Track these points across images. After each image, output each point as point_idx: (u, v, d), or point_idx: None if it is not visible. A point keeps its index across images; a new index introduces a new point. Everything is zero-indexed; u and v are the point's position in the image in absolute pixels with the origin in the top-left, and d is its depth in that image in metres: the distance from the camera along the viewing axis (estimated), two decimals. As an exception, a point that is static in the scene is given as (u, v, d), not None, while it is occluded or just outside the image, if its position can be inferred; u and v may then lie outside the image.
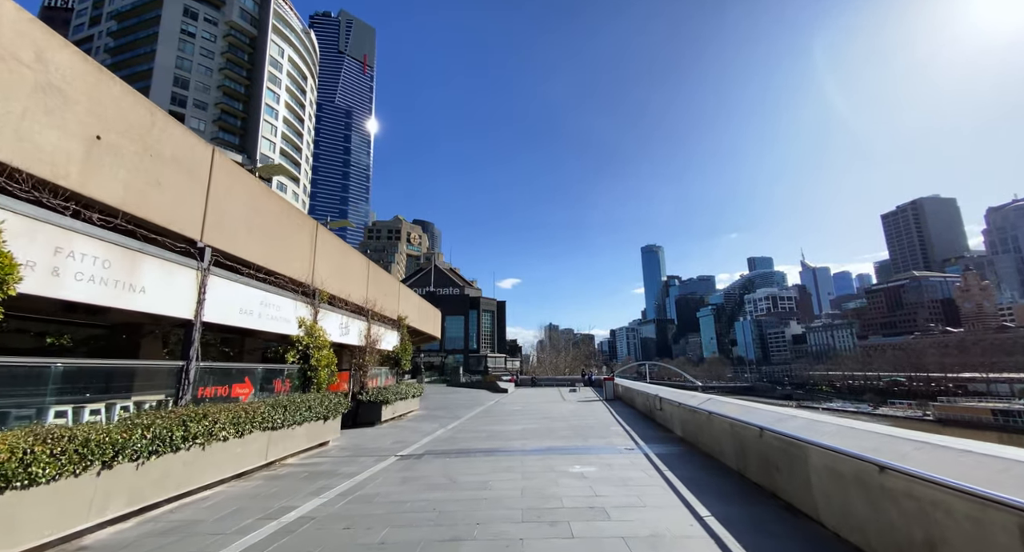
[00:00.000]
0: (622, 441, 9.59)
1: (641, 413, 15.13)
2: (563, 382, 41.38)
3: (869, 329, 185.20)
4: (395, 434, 11.41)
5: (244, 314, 7.94)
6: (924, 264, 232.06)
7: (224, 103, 61.99)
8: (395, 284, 18.02)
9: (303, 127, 74.97)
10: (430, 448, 9.27)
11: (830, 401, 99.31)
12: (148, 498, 4.99)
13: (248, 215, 8.11)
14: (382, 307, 15.57)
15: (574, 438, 10.13)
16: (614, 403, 19.64)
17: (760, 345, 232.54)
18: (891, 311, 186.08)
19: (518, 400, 23.22)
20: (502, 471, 6.94)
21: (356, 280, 13.50)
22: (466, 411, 17.41)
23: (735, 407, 6.95)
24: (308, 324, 10.10)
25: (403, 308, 18.56)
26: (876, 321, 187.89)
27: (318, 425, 9.15)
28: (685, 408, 9.26)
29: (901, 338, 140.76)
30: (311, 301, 10.33)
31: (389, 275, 17.61)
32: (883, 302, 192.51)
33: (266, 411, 7.20)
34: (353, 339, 13.11)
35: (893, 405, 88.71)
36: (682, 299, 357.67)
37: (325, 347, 10.46)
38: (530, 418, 14.61)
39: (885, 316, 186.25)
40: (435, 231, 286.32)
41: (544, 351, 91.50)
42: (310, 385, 10.04)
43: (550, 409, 17.59)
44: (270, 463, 7.56)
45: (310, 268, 10.44)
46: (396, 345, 17.25)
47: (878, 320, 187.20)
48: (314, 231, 10.73)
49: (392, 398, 13.78)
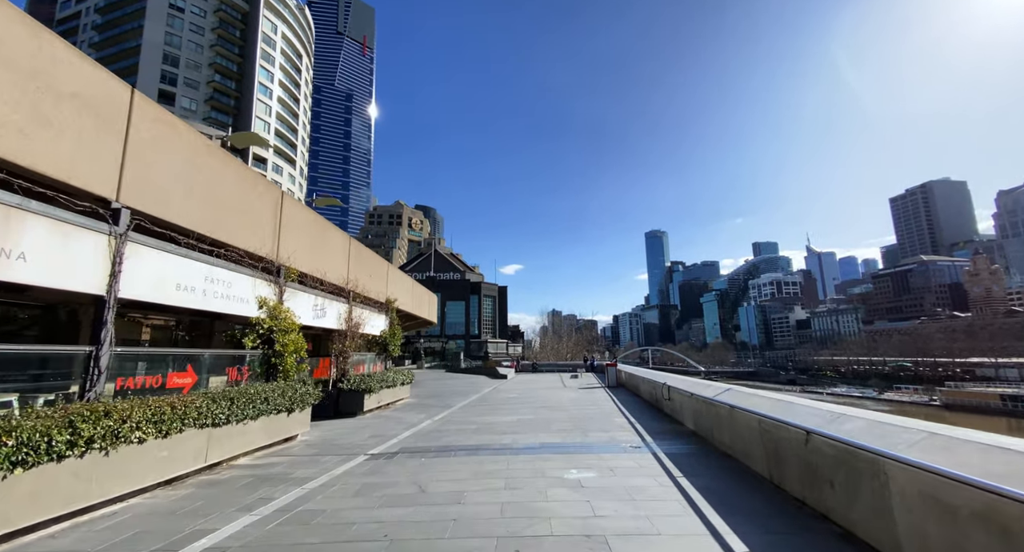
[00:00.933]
0: (626, 436, 8.44)
1: (646, 402, 14.01)
2: (564, 368, 40.44)
3: (875, 314, 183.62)
4: (375, 426, 10.32)
5: (183, 291, 6.75)
6: (932, 248, 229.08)
7: (216, 82, 60.03)
8: (383, 265, 16.81)
9: (299, 107, 72.93)
10: (408, 444, 8.15)
11: (835, 386, 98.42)
12: (12, 522, 3.86)
13: (187, 175, 6.85)
14: (366, 289, 14.39)
15: (573, 432, 9.00)
16: (617, 390, 18.56)
17: (764, 330, 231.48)
18: (898, 296, 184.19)
19: (516, 387, 22.19)
20: (484, 477, 5.80)
21: (334, 258, 12.28)
22: (460, 399, 16.36)
23: (766, 402, 5.74)
24: (271, 305, 8.92)
25: (392, 290, 17.40)
26: (882, 306, 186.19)
27: (280, 419, 8.04)
28: (699, 399, 8.08)
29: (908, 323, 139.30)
30: (274, 279, 9.14)
31: (376, 255, 16.40)
32: (890, 287, 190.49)
33: (204, 405, 6.05)
34: (331, 322, 11.96)
35: (899, 390, 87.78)
36: (686, 285, 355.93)
37: (293, 330, 9.30)
38: (527, 407, 13.53)
39: (891, 301, 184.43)
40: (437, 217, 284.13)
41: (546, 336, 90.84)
42: (275, 373, 8.92)
43: (549, 397, 16.51)
44: (214, 465, 6.45)
45: (274, 242, 9.22)
46: (384, 329, 16.13)
47: (884, 305, 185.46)
48: (278, 200, 9.48)
49: (376, 386, 12.69)
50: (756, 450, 5.54)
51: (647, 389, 14.33)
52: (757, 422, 5.42)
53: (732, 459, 6.33)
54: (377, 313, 15.84)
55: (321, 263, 11.26)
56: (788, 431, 4.68)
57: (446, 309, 72.50)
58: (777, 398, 5.81)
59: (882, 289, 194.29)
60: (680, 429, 9.03)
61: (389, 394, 14.28)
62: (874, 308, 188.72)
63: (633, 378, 17.78)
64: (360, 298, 13.96)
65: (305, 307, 10.52)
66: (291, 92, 70.91)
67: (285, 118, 69.05)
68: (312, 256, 10.96)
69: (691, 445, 7.51)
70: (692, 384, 9.65)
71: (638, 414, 11.35)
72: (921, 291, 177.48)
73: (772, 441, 5.07)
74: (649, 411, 11.96)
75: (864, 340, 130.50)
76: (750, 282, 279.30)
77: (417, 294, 22.47)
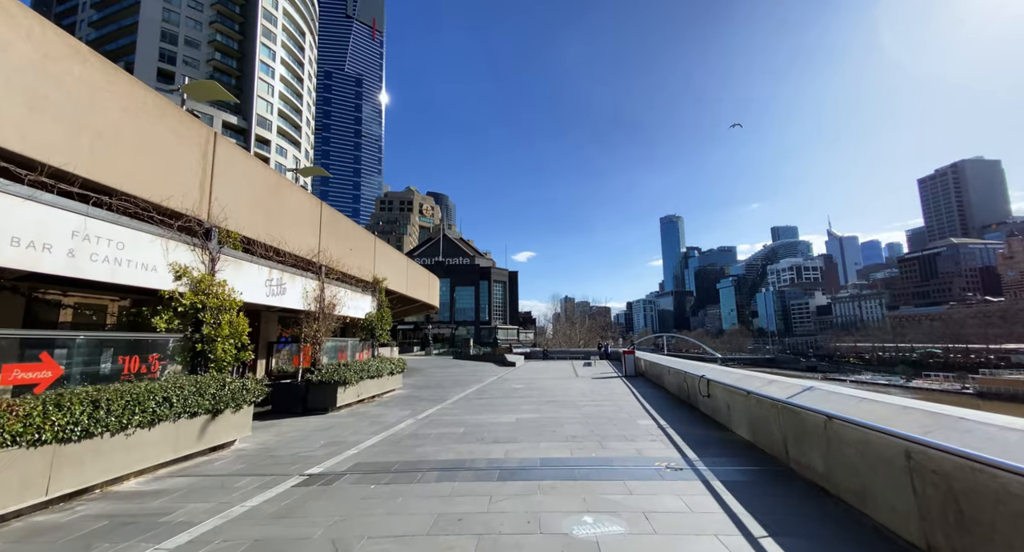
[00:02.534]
0: (659, 448, 6.30)
1: (674, 397, 11.84)
2: (577, 355, 38.36)
3: (900, 299, 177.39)
4: (340, 428, 8.36)
5: (33, 251, 4.74)
6: (962, 231, 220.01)
7: (216, 60, 58.03)
8: (368, 239, 14.76)
9: (303, 87, 70.69)
10: (366, 458, 6.14)
11: (859, 373, 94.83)
12: None
13: (31, 85, 4.79)
14: (345, 264, 12.37)
15: (586, 440, 6.89)
16: (636, 381, 16.41)
17: (782, 317, 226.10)
18: (925, 280, 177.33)
19: (524, 375, 20.18)
20: (447, 528, 3.73)
21: (299, 224, 10.24)
22: (458, 390, 14.38)
23: (910, 413, 3.49)
24: (197, 276, 6.91)
25: (382, 269, 15.38)
26: (908, 291, 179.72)
27: (195, 424, 6.08)
28: (763, 401, 5.86)
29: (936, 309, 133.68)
30: (201, 242, 7.11)
31: (358, 227, 14.35)
32: (916, 271, 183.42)
33: (38, 412, 4.08)
34: (293, 301, 9.97)
35: (928, 377, 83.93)
36: (701, 271, 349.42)
37: (230, 310, 7.32)
38: (531, 402, 11.47)
39: (918, 286, 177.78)
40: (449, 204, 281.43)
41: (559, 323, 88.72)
42: (205, 364, 6.96)
43: (559, 388, 14.44)
44: (68, 496, 4.51)
45: (200, 195, 7.18)
46: (371, 312, 14.15)
47: (910, 290, 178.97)
48: (208, 141, 7.40)
49: (353, 377, 10.72)
50: (896, 496, 3.34)
51: (674, 381, 12.14)
52: (903, 452, 3.21)
53: (833, 498, 4.15)
54: (361, 293, 13.85)
55: (278, 229, 9.22)
56: (991, 475, 2.48)
57: (455, 295, 70.85)
58: (919, 407, 3.58)
59: (908, 273, 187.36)
60: (728, 437, 6.86)
61: (374, 386, 12.35)
62: (899, 293, 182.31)
63: (655, 367, 15.59)
64: (336, 274, 11.96)
65: (254, 282, 8.51)
66: (294, 71, 68.64)
67: (288, 98, 66.94)
68: (264, 218, 8.92)
69: (754, 465, 5.33)
70: (742, 378, 7.43)
71: (667, 413, 9.18)
72: (950, 275, 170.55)
73: (942, 488, 2.87)
74: (679, 409, 9.79)
75: (889, 326, 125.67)
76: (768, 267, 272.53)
77: (414, 275, 20.46)
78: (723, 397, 7.67)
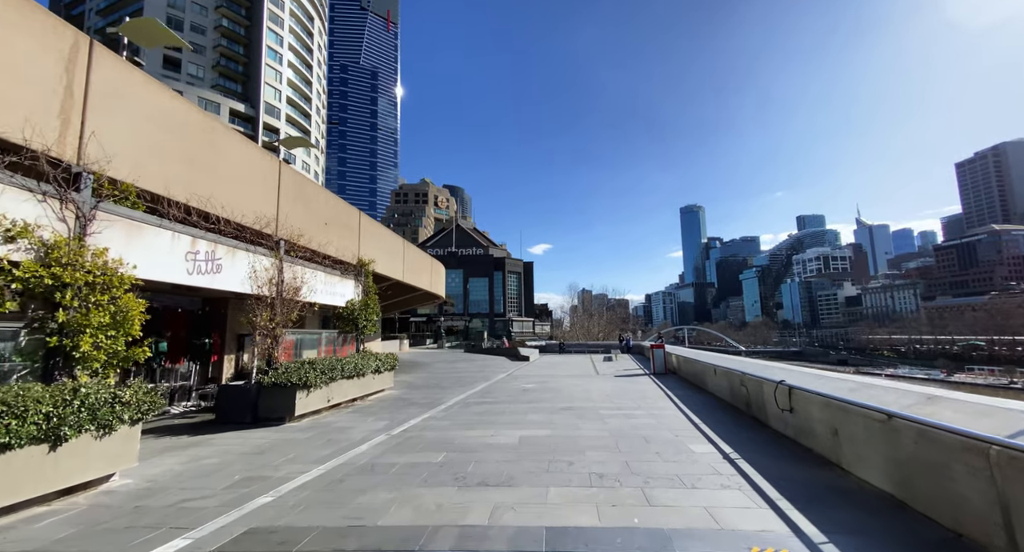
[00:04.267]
0: (744, 508, 3.89)
1: (724, 402, 9.36)
2: (596, 348, 35.88)
3: (936, 290, 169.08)
4: (279, 451, 6.16)
5: None
6: (1003, 217, 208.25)
7: (223, 46, 56.49)
8: (351, 214, 12.57)
9: (312, 74, 68.87)
10: (270, 518, 3.89)
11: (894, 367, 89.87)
12: None
13: None
14: (319, 241, 10.21)
15: (620, 484, 4.53)
16: (667, 380, 13.93)
17: (809, 308, 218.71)
18: (963, 269, 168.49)
19: (537, 372, 17.88)
20: None
21: (244, 183, 8.05)
22: (458, 391, 12.15)
23: None
24: (51, 240, 4.75)
25: (369, 250, 13.21)
26: (945, 280, 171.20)
27: (14, 460, 3.93)
28: (936, 439, 3.39)
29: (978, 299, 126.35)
30: (59, 192, 4.93)
31: (340, 199, 12.16)
32: (954, 259, 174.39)
33: None
34: (234, 282, 7.80)
35: (971, 371, 78.77)
36: (723, 261, 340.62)
37: (111, 289, 5.15)
38: (543, 408, 9.14)
39: (956, 275, 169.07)
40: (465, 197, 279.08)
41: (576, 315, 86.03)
42: (66, 366, 4.82)
43: (577, 389, 12.07)
44: None
45: (63, 125, 5.00)
46: (353, 300, 11.99)
47: (947, 279, 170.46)
48: (75, 51, 5.20)
49: (317, 378, 8.52)
50: None
51: (723, 384, 9.63)
52: None
53: None
54: (341, 277, 11.69)
55: (207, 186, 7.02)
56: None
57: (469, 286, 68.82)
58: None
59: (945, 262, 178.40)
60: (847, 484, 4.38)
61: (353, 387, 10.19)
62: (935, 283, 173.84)
63: (692, 364, 13.08)
64: (303, 252, 9.77)
65: (165, 254, 6.34)
66: (303, 58, 66.86)
67: (297, 86, 65.27)
68: (188, 172, 6.73)
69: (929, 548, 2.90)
70: (857, 387, 4.93)
71: (727, 433, 6.72)
72: (991, 263, 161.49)
73: None
74: (740, 425, 7.32)
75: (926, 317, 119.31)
76: (794, 257, 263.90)
77: (413, 259, 18.25)
78: (822, 415, 5.19)
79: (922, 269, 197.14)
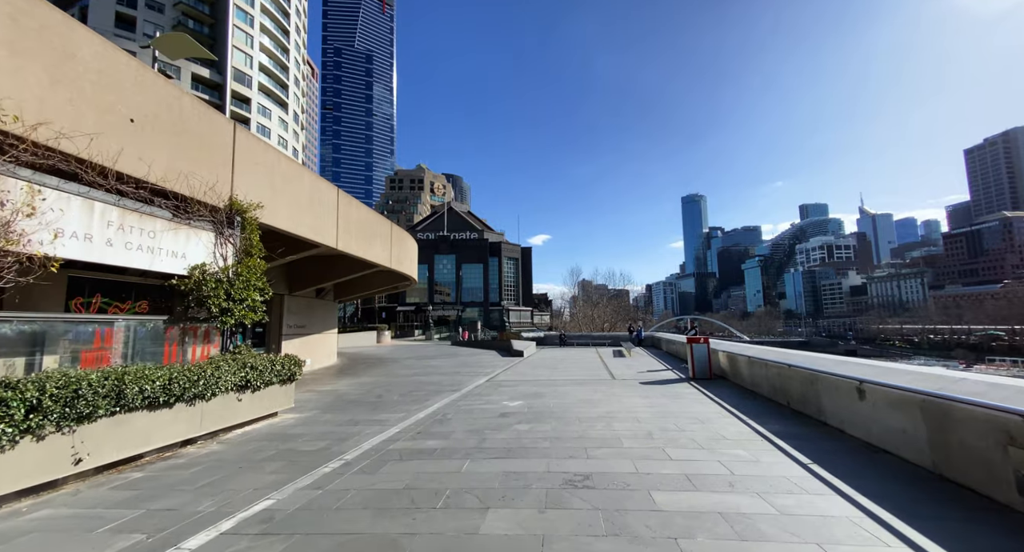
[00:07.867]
0: None
1: (865, 445, 4.54)
2: (601, 341, 31.14)
3: (944, 278, 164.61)
4: None
5: None
6: (1012, 204, 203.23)
7: (185, 3, 50.54)
8: (213, 121, 7.57)
9: (289, 41, 63.00)
10: None
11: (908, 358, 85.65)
12: None
13: None
14: (113, 151, 5.28)
15: None
16: (721, 391, 9.14)
17: (812, 298, 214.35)
18: (972, 257, 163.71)
19: (530, 374, 13.09)
20: None
21: None
22: (398, 416, 7.31)
23: None
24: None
25: (256, 188, 8.28)
26: (953, 268, 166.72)
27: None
28: None
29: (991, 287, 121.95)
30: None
31: (178, 88, 7.18)
32: (963, 247, 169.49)
33: None
34: None
35: (991, 363, 74.60)
36: (725, 251, 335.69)
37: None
38: (519, 489, 4.34)
39: (965, 263, 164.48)
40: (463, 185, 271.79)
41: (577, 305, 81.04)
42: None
43: (589, 412, 7.27)
44: None
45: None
46: (205, 264, 7.05)
47: (956, 267, 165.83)
48: None
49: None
50: None
51: (897, 423, 4.80)
52: None
53: None
54: (177, 224, 6.75)
55: None
56: None
57: (462, 273, 63.84)
58: None
59: (954, 250, 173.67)
60: None
61: (171, 423, 5.33)
62: (943, 271, 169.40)
63: (764, 368, 8.25)
64: (56, 157, 4.84)
65: None
66: (278, 21, 60.89)
67: (272, 52, 59.46)
68: None
69: None
70: None
71: None
72: (1001, 251, 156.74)
73: None
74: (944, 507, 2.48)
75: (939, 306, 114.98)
76: (797, 246, 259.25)
77: (354, 216, 13.03)
78: None
79: (928, 257, 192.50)
